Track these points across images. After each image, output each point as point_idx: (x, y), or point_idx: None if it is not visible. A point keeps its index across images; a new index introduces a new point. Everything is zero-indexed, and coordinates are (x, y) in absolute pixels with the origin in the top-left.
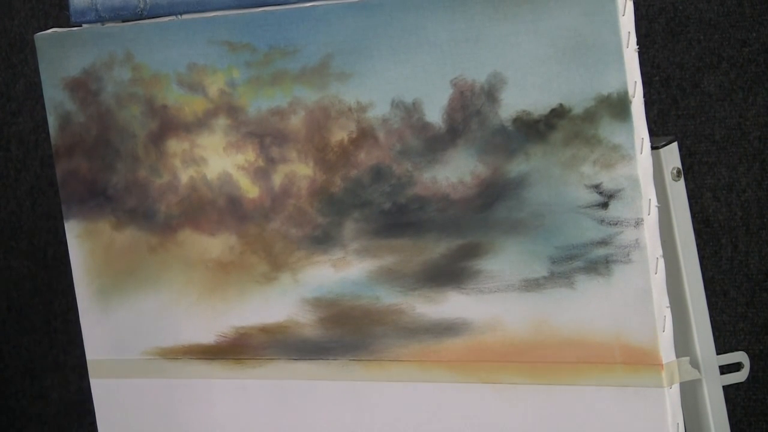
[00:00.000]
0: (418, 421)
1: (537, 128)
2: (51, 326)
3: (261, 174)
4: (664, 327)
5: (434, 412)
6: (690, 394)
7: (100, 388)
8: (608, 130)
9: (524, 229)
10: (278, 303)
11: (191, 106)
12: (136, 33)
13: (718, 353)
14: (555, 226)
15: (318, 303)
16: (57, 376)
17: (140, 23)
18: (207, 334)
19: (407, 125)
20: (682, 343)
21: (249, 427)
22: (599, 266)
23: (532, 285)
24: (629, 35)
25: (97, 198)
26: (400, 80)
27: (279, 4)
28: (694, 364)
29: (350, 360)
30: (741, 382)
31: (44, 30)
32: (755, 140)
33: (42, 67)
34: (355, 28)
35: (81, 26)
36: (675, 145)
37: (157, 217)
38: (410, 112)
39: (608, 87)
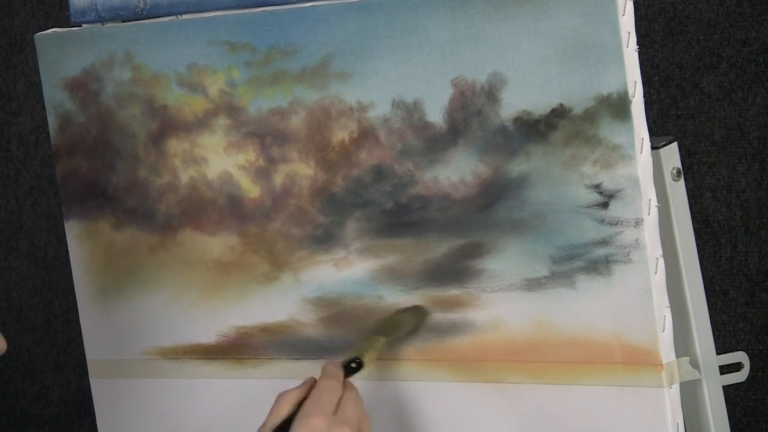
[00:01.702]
0: (419, 420)
1: (537, 128)
2: (51, 326)
3: (262, 174)
4: (664, 327)
5: (436, 411)
6: (690, 394)
7: (100, 388)
8: (608, 130)
9: (525, 228)
10: (279, 302)
11: (191, 106)
12: (136, 33)
13: (718, 353)
14: (556, 225)
15: (320, 302)
16: (57, 376)
17: (140, 23)
18: (208, 334)
19: (408, 125)
20: (682, 343)
21: (249, 427)
22: (600, 266)
23: (533, 284)
24: (629, 35)
25: (97, 198)
26: (400, 80)
27: (279, 4)
28: (694, 364)
29: None
30: (741, 382)
31: (44, 30)
32: (755, 140)
33: (42, 67)
34: (355, 28)
35: (81, 26)
36: (675, 145)
37: (158, 217)
38: (411, 111)
39: (608, 87)
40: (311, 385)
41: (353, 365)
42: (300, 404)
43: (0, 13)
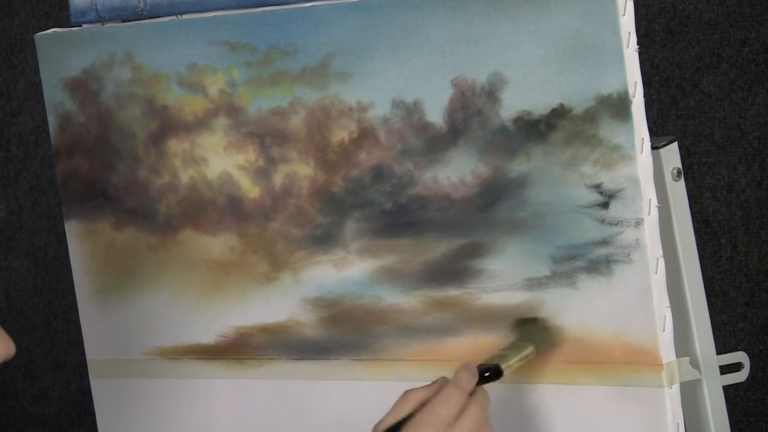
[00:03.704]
0: None
1: (538, 128)
2: (51, 326)
3: (261, 174)
4: (664, 327)
5: None
6: (690, 394)
7: (100, 388)
8: (608, 130)
9: (525, 228)
10: (279, 303)
11: (191, 106)
12: (136, 33)
13: (718, 353)
14: (556, 225)
15: (319, 303)
16: (57, 376)
17: (140, 23)
18: (207, 334)
19: (408, 125)
20: (682, 343)
21: (249, 427)
22: (600, 266)
23: (534, 284)
24: (629, 35)
25: (97, 198)
26: (400, 80)
27: (279, 4)
28: (694, 364)
29: (352, 360)
30: (741, 382)
31: (44, 30)
32: (755, 140)
33: (42, 67)
34: (355, 28)
35: (81, 26)
36: (675, 145)
37: (157, 217)
38: (411, 111)
39: (608, 87)
40: (440, 387)
41: (488, 374)
42: (422, 406)
43: (0, 13)
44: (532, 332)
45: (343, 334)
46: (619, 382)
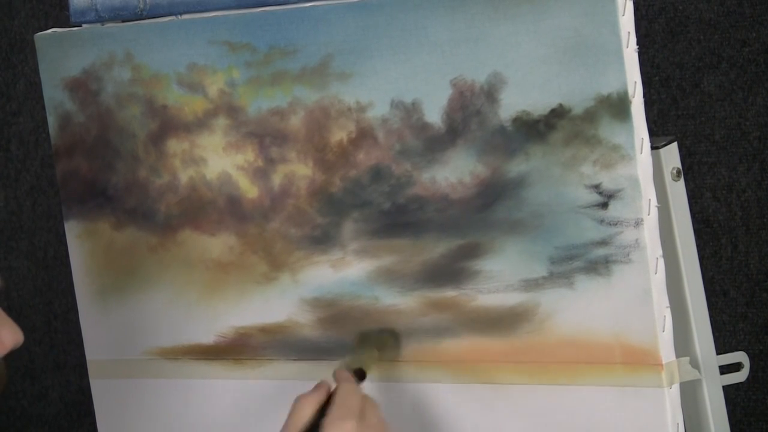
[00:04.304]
0: (417, 423)
1: (537, 128)
2: (51, 326)
3: (260, 174)
4: (664, 327)
5: (434, 412)
6: (690, 394)
7: (100, 388)
8: (608, 130)
9: (524, 229)
10: (278, 303)
11: (191, 106)
12: (136, 33)
13: (718, 353)
14: (555, 226)
15: (317, 303)
16: (57, 376)
17: (140, 23)
18: (207, 334)
19: (407, 125)
20: (682, 343)
21: (249, 427)
22: (599, 266)
23: (531, 285)
24: (629, 35)
25: (97, 198)
26: (399, 80)
27: (279, 4)
28: (694, 364)
29: None
30: (741, 382)
31: (44, 30)
32: (755, 140)
33: (42, 67)
34: (355, 28)
35: (81, 26)
36: (675, 145)
37: (157, 217)
38: (410, 112)
39: (608, 87)
40: (327, 389)
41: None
42: (321, 409)
43: (0, 13)
44: (371, 338)
45: (342, 334)
46: (619, 382)
